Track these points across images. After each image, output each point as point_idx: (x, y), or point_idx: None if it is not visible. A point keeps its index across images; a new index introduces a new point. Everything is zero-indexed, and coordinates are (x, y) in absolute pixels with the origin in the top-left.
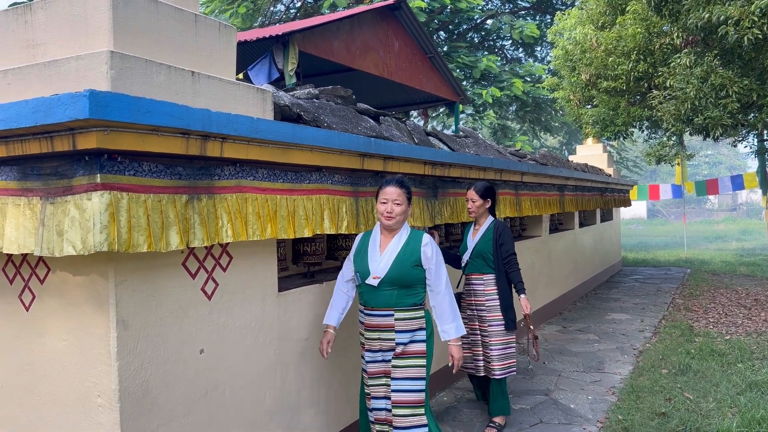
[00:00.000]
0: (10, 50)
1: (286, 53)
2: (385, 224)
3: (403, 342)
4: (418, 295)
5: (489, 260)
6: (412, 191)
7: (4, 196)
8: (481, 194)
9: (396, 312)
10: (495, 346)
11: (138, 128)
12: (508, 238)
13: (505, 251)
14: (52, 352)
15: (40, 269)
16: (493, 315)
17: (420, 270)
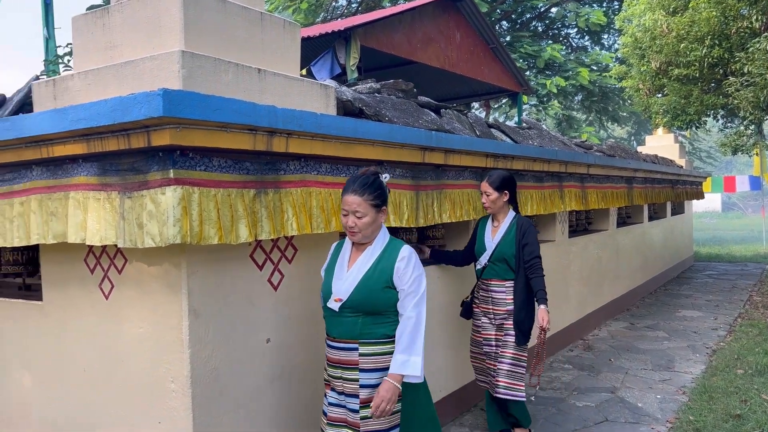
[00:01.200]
0: (89, 52)
1: (347, 48)
2: (351, 240)
3: (369, 384)
4: (392, 324)
5: (512, 264)
6: (385, 193)
7: (85, 190)
8: (497, 186)
9: (361, 345)
10: (505, 360)
11: (208, 125)
12: (533, 238)
13: (529, 253)
14: (130, 338)
15: (118, 260)
16: (511, 323)
17: (392, 293)
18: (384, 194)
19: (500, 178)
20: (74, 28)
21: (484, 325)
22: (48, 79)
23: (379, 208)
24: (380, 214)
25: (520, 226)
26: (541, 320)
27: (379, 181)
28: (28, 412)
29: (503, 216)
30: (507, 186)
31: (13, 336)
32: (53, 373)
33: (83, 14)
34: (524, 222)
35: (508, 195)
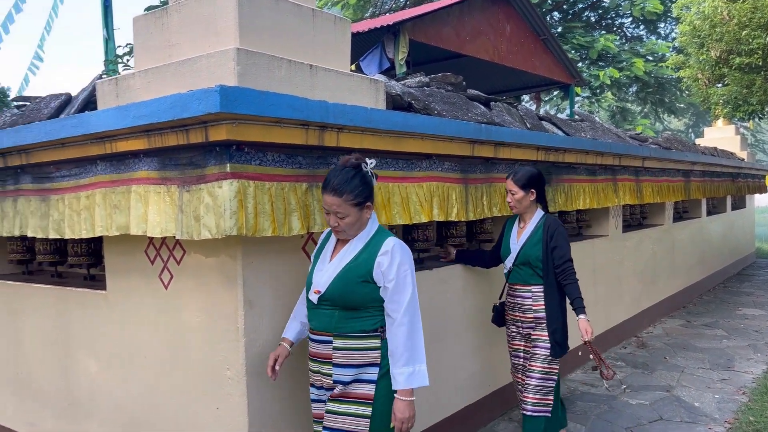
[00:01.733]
0: (149, 51)
1: (396, 42)
2: (337, 237)
3: (342, 381)
4: (370, 319)
5: (538, 268)
6: (368, 187)
7: (146, 184)
8: (522, 184)
9: (335, 339)
10: (534, 375)
11: (263, 120)
12: (563, 240)
13: (559, 257)
14: (188, 327)
15: (177, 251)
16: (541, 334)
17: (371, 287)
18: (366, 189)
19: (526, 175)
20: (135, 29)
21: (513, 334)
22: (111, 78)
23: (362, 205)
24: (364, 211)
25: (547, 227)
26: (584, 332)
27: (360, 175)
28: (96, 396)
29: (530, 216)
30: (534, 184)
31: (80, 324)
32: (117, 359)
33: (143, 15)
34: (552, 222)
35: (535, 194)
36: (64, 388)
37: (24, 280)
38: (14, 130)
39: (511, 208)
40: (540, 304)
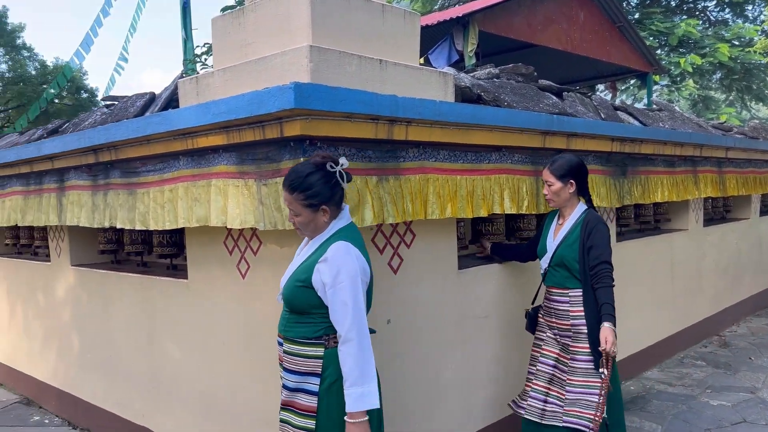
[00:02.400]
0: (226, 50)
1: (465, 34)
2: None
3: (287, 386)
4: (313, 325)
5: (575, 270)
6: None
7: (225, 178)
8: (561, 174)
9: (284, 342)
10: (573, 388)
11: (334, 116)
12: (601, 239)
13: (595, 257)
14: (263, 315)
15: (253, 242)
16: (580, 346)
17: (310, 293)
18: (324, 191)
19: (565, 164)
20: (213, 29)
21: (546, 339)
22: (191, 77)
23: (315, 207)
24: (319, 214)
25: (585, 224)
26: (603, 342)
27: (319, 174)
28: (178, 380)
29: (570, 211)
30: (574, 174)
31: (163, 311)
32: (198, 346)
33: (221, 15)
34: (592, 218)
35: (574, 185)
36: (149, 371)
37: (113, 269)
38: (104, 128)
39: (548, 202)
40: (578, 310)
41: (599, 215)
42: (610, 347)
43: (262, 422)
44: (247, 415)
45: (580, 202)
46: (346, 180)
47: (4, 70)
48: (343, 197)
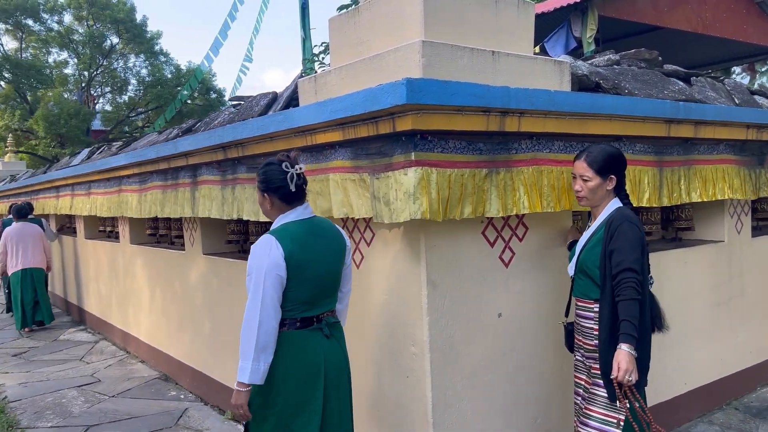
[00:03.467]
0: (343, 49)
1: (584, 20)
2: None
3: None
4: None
5: (596, 278)
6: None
7: (342, 173)
8: (599, 168)
9: None
10: (589, 421)
11: (445, 109)
12: (625, 241)
13: (616, 264)
14: (377, 304)
15: (367, 234)
16: (593, 367)
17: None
18: (265, 182)
19: (604, 156)
20: (330, 29)
21: (577, 364)
22: (310, 76)
23: (262, 194)
24: (265, 201)
25: (609, 224)
26: (615, 369)
27: (272, 168)
28: None
29: (602, 209)
30: (615, 168)
31: None
32: None
33: (338, 15)
34: (617, 216)
35: (615, 181)
36: None
37: (239, 257)
38: (232, 127)
39: (579, 200)
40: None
41: (628, 213)
42: (623, 375)
43: (372, 405)
44: (365, 398)
45: (614, 198)
46: (294, 183)
47: (144, 75)
48: (290, 196)
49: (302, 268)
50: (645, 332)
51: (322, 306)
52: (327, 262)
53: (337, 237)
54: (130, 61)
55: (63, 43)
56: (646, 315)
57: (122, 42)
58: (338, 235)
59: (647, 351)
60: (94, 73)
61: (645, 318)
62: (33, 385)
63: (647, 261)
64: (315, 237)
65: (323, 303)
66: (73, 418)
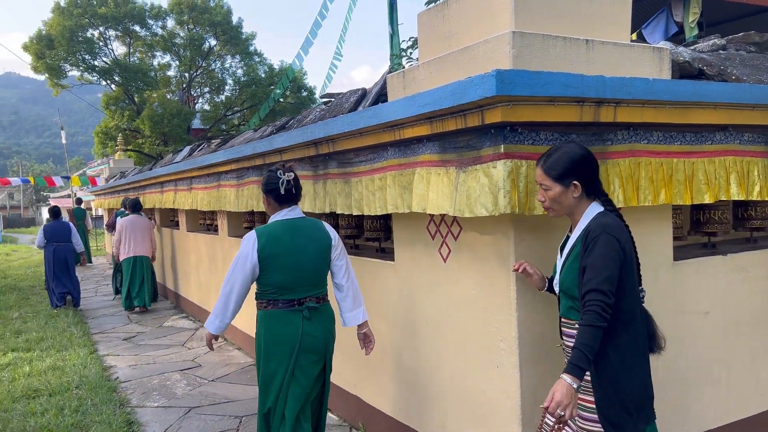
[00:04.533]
0: (431, 43)
1: (686, 3)
2: None
3: None
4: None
5: (576, 296)
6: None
7: (428, 167)
8: (558, 175)
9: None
10: None
11: (536, 100)
12: (598, 256)
13: (585, 282)
14: (464, 298)
15: (454, 228)
16: (584, 399)
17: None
18: (264, 185)
19: (563, 160)
20: (419, 23)
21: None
22: (399, 72)
23: (263, 194)
24: (265, 201)
25: (586, 236)
26: (548, 398)
27: (270, 174)
28: (383, 354)
29: (579, 217)
30: (577, 172)
31: (372, 290)
32: (403, 323)
33: (426, 9)
34: (594, 227)
35: (579, 188)
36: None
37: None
38: (323, 123)
39: (546, 211)
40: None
41: (609, 220)
42: (554, 407)
43: (459, 399)
44: (449, 392)
45: (593, 203)
46: (284, 187)
47: (239, 75)
48: (281, 198)
49: (274, 258)
50: (636, 358)
51: (304, 292)
52: (303, 254)
53: (319, 235)
54: (226, 62)
55: (166, 46)
56: (637, 337)
57: (219, 44)
58: (321, 233)
59: (641, 379)
60: (194, 74)
61: (636, 341)
62: (141, 368)
63: (632, 273)
64: (292, 234)
65: (304, 290)
66: (176, 399)
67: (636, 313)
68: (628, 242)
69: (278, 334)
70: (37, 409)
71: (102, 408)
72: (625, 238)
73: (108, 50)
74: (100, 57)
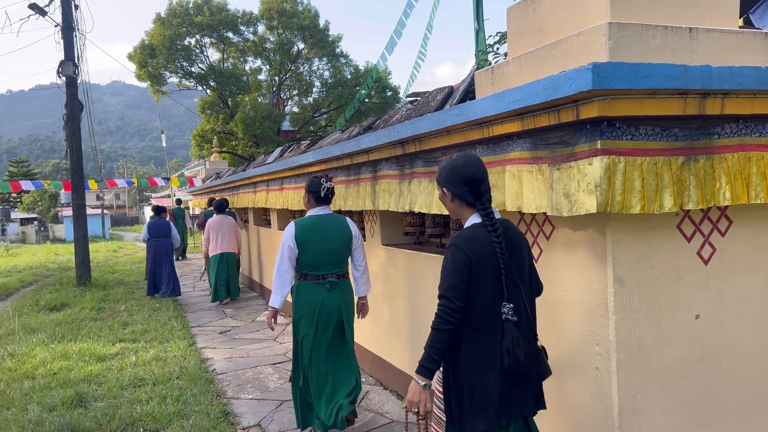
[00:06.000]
0: (521, 37)
1: None
2: None
3: None
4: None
5: None
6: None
7: (519, 164)
8: (437, 180)
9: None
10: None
11: (635, 93)
12: (444, 267)
13: (438, 287)
14: (558, 300)
15: (546, 227)
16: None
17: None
18: (308, 187)
19: (441, 166)
20: (508, 18)
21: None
22: (487, 68)
23: (305, 193)
24: (305, 198)
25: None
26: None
27: (313, 180)
28: None
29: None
30: (444, 181)
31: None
32: None
33: (516, 4)
34: (451, 239)
35: (449, 196)
36: None
37: (415, 249)
38: (410, 123)
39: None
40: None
41: (463, 234)
42: (408, 406)
43: (551, 402)
44: None
45: (474, 214)
46: (323, 192)
47: (326, 77)
48: (319, 199)
49: (306, 244)
50: (481, 365)
51: (327, 270)
52: (329, 242)
53: (343, 228)
54: (314, 64)
55: (257, 51)
56: (481, 346)
57: (307, 47)
58: (345, 227)
59: (483, 385)
60: (283, 77)
61: (480, 349)
62: (236, 361)
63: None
64: (322, 226)
65: (328, 268)
66: (269, 392)
67: (487, 323)
68: (479, 255)
69: (306, 300)
70: (142, 397)
71: (200, 398)
72: (477, 251)
73: (204, 57)
74: (197, 64)
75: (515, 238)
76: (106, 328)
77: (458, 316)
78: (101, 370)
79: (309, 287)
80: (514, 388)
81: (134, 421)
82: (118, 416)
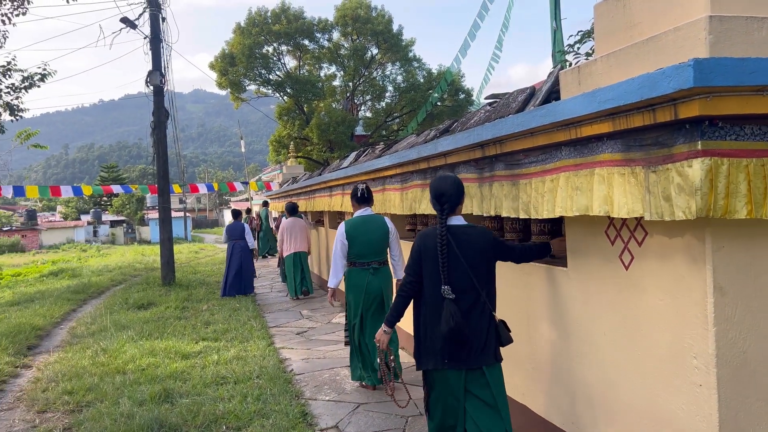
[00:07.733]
0: (610, 35)
1: None
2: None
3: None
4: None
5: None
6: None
7: (609, 166)
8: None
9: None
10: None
11: (740, 90)
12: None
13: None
14: (650, 309)
15: (638, 232)
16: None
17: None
18: (351, 193)
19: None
20: (596, 15)
21: None
22: (572, 67)
23: (351, 198)
24: (351, 203)
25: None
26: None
27: (358, 185)
28: (557, 364)
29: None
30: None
31: (542, 296)
32: (576, 333)
33: (604, 1)
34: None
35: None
36: (530, 352)
37: None
38: (491, 125)
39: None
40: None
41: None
42: (377, 342)
43: (641, 418)
44: (628, 410)
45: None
46: (360, 195)
47: (399, 82)
48: (360, 200)
49: (354, 238)
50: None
51: (370, 258)
52: (371, 236)
53: (382, 226)
54: (387, 69)
55: (332, 58)
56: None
57: (381, 52)
58: (383, 225)
59: (430, 337)
60: (357, 83)
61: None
62: (313, 362)
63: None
64: (364, 224)
65: (370, 256)
66: (345, 394)
67: (433, 297)
68: (427, 246)
69: (354, 282)
70: (224, 395)
71: (279, 398)
72: (426, 243)
73: (281, 64)
74: (274, 71)
75: (469, 240)
76: (190, 326)
77: (410, 287)
78: (186, 367)
79: (357, 272)
80: (457, 346)
81: (217, 418)
82: (202, 413)
